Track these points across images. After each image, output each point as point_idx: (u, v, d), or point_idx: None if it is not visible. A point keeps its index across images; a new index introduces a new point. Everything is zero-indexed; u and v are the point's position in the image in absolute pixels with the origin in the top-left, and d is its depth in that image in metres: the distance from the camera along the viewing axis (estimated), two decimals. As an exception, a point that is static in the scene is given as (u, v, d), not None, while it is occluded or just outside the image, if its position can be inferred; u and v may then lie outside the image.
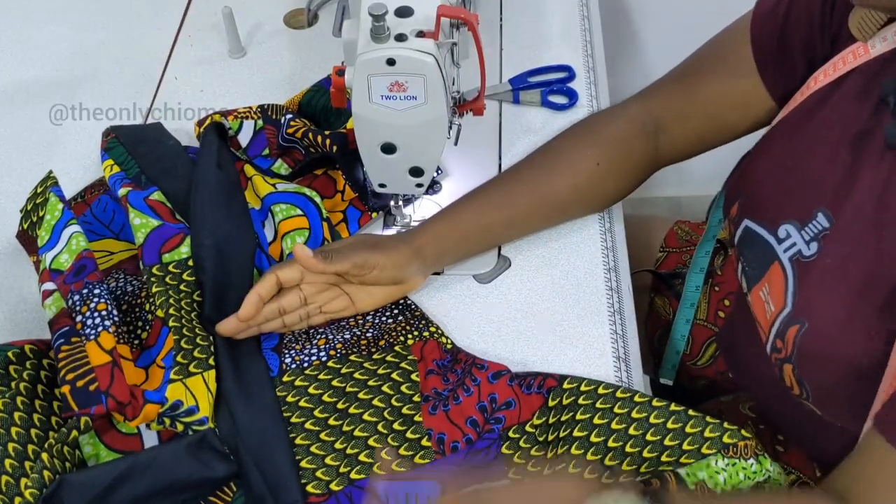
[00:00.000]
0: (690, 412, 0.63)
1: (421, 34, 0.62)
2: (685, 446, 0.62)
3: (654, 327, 0.99)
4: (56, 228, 0.71)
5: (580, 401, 0.65)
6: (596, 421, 0.64)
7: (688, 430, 0.62)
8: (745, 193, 0.69)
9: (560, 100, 0.93)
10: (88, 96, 0.96)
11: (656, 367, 0.99)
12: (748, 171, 0.70)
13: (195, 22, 1.06)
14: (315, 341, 0.72)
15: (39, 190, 0.76)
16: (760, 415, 0.82)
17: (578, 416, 0.65)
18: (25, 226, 0.77)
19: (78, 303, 0.66)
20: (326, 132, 0.80)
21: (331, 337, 0.72)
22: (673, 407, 0.63)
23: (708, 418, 0.62)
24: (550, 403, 0.66)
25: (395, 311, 0.75)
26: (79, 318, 0.66)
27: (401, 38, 0.62)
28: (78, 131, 0.93)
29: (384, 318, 0.74)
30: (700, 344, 0.91)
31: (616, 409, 0.64)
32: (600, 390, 0.66)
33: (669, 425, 0.62)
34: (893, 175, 0.56)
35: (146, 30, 1.05)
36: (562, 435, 0.65)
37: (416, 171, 0.71)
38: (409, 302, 0.75)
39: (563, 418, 0.65)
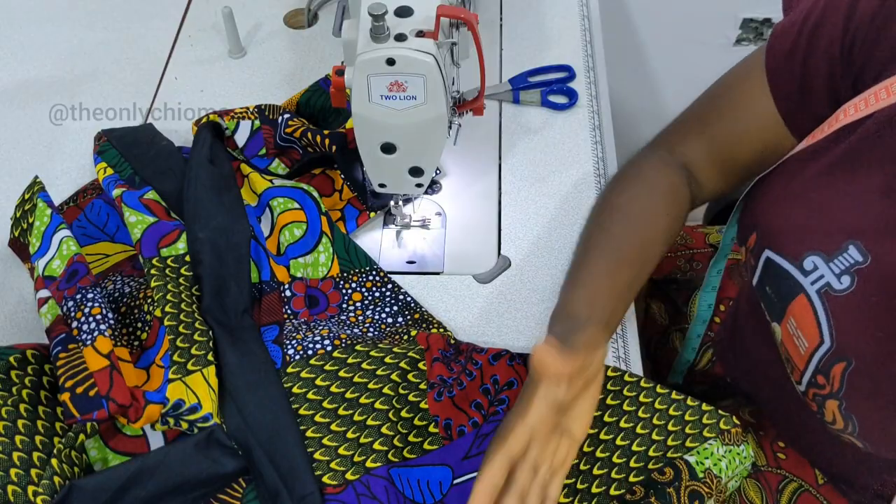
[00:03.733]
0: (689, 401, 0.66)
1: (421, 34, 0.62)
2: (688, 430, 0.65)
3: (651, 333, 0.99)
4: (46, 234, 0.72)
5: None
6: (608, 402, 0.66)
7: (687, 417, 0.65)
8: (764, 223, 0.66)
9: (560, 100, 0.93)
10: (88, 96, 0.96)
11: (653, 373, 0.99)
12: (766, 199, 0.67)
13: (195, 22, 1.06)
14: (318, 331, 0.72)
15: (27, 196, 0.76)
16: (761, 420, 0.82)
17: None
18: (16, 233, 0.77)
19: (72, 309, 0.67)
20: (325, 132, 0.80)
21: (334, 329, 0.72)
22: (674, 395, 0.66)
23: (704, 406, 0.66)
24: None
25: (395, 310, 0.75)
26: (74, 324, 0.66)
27: (400, 37, 0.62)
28: (78, 131, 0.93)
29: (382, 316, 0.74)
30: (698, 349, 0.91)
31: (625, 392, 0.66)
32: (609, 373, 0.67)
33: (671, 412, 0.65)
34: None
35: (146, 30, 1.05)
36: None
37: (416, 171, 0.71)
38: (408, 300, 0.75)
39: None
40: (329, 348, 0.70)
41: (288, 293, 0.75)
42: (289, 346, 0.70)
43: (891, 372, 0.57)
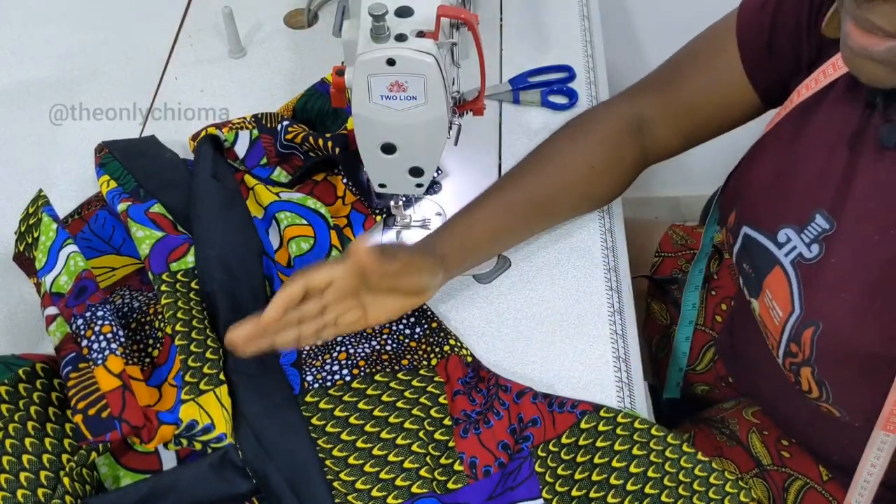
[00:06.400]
0: (714, 464, 0.65)
1: (421, 34, 0.62)
2: (711, 495, 0.63)
3: (652, 333, 0.99)
4: (52, 250, 0.70)
5: (618, 431, 0.65)
6: (635, 452, 0.65)
7: (712, 480, 0.64)
8: (742, 201, 0.69)
9: (560, 100, 0.93)
10: (88, 96, 0.96)
11: (654, 373, 0.99)
12: (742, 180, 0.70)
13: (195, 22, 1.06)
14: (335, 356, 0.71)
15: (31, 210, 0.75)
16: (764, 420, 0.82)
17: (617, 447, 0.65)
18: (21, 248, 0.75)
19: (82, 327, 0.65)
20: (327, 134, 0.80)
21: (352, 351, 0.71)
22: (700, 456, 0.65)
23: (727, 473, 0.64)
24: (584, 425, 0.66)
25: (412, 321, 0.74)
26: (84, 342, 0.65)
27: (401, 38, 0.62)
28: (78, 131, 0.93)
29: (400, 327, 0.73)
30: (698, 349, 0.91)
31: (652, 445, 0.65)
32: (636, 424, 0.66)
33: (697, 472, 0.64)
34: (892, 174, 0.57)
35: (146, 30, 1.05)
36: (597, 461, 0.64)
37: (416, 171, 0.71)
38: (424, 307, 0.74)
39: (600, 444, 0.65)
40: (348, 378, 0.69)
41: None
42: (307, 373, 0.69)
43: (856, 333, 0.59)
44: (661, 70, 0.77)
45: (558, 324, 0.74)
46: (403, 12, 0.64)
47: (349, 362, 0.70)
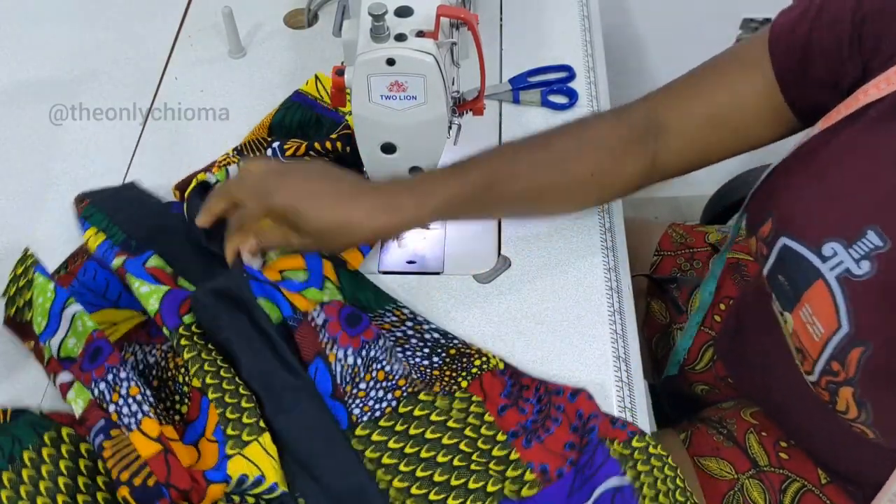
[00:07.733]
0: None
1: (421, 34, 0.63)
2: None
3: (652, 332, 0.99)
4: (53, 311, 0.67)
5: (653, 461, 0.66)
6: (676, 483, 0.65)
7: None
8: (780, 210, 0.65)
9: (560, 100, 0.93)
10: (88, 96, 0.96)
11: (654, 371, 0.99)
12: (781, 185, 0.66)
13: (195, 22, 1.06)
14: (375, 373, 0.67)
15: (20, 271, 0.71)
16: (763, 421, 0.82)
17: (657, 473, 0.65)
18: (12, 312, 0.71)
19: (105, 391, 0.62)
20: (333, 136, 0.80)
21: (388, 369, 0.68)
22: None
23: None
24: (636, 444, 0.65)
25: (426, 351, 0.71)
26: (111, 407, 0.62)
27: (401, 37, 0.62)
28: (78, 131, 0.93)
29: (417, 360, 0.70)
30: (698, 348, 0.91)
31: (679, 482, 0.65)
32: (668, 459, 0.66)
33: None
34: None
35: (146, 30, 1.05)
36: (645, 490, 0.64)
37: (416, 172, 0.71)
38: (435, 336, 0.72)
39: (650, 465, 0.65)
40: (394, 403, 0.66)
41: (319, 320, 0.69)
42: (353, 406, 0.66)
43: None
44: (681, 80, 0.72)
45: (558, 324, 0.74)
46: (403, 12, 0.64)
47: (388, 383, 0.67)
